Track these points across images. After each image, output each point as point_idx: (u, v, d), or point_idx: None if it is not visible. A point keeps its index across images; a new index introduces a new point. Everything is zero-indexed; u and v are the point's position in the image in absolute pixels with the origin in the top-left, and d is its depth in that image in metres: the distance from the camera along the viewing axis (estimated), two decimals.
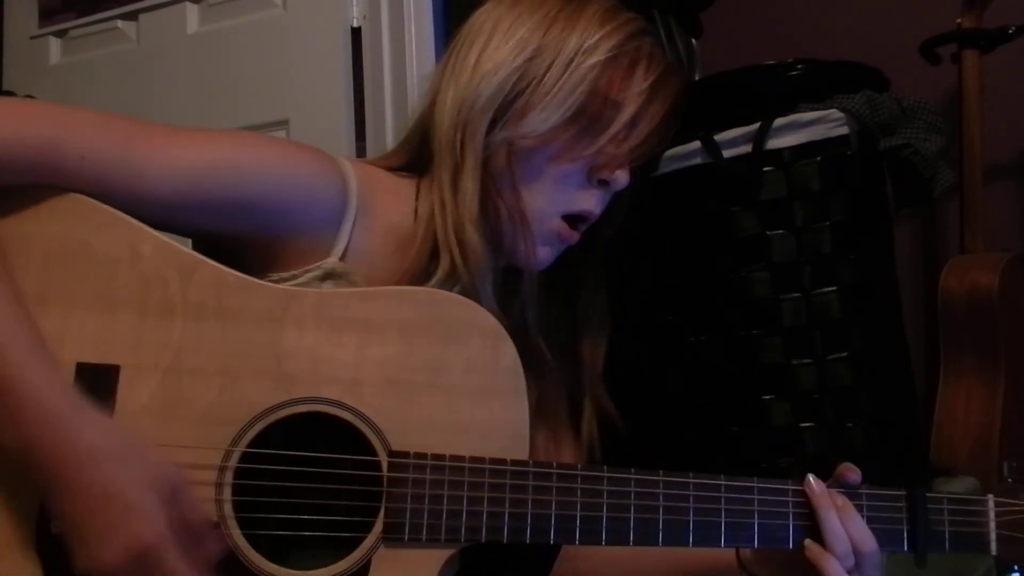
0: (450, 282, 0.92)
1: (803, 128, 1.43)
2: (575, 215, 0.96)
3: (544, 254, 0.97)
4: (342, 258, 0.92)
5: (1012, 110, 1.91)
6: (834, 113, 1.43)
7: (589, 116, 0.92)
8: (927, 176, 1.60)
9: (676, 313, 1.53)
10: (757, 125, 1.43)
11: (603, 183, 0.95)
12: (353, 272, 0.92)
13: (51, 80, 2.15)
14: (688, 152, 1.49)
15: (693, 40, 2.11)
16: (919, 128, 1.58)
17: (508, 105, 0.92)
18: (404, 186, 0.97)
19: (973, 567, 1.47)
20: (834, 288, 1.41)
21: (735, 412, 1.48)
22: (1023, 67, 1.90)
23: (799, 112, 1.44)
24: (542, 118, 0.91)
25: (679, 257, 1.52)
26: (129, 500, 0.75)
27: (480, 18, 0.97)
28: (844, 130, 1.43)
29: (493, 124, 0.92)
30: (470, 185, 0.91)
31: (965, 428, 1.63)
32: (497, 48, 0.93)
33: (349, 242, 0.92)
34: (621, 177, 0.95)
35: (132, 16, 2.08)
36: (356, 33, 1.86)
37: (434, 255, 0.93)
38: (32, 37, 2.20)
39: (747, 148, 1.44)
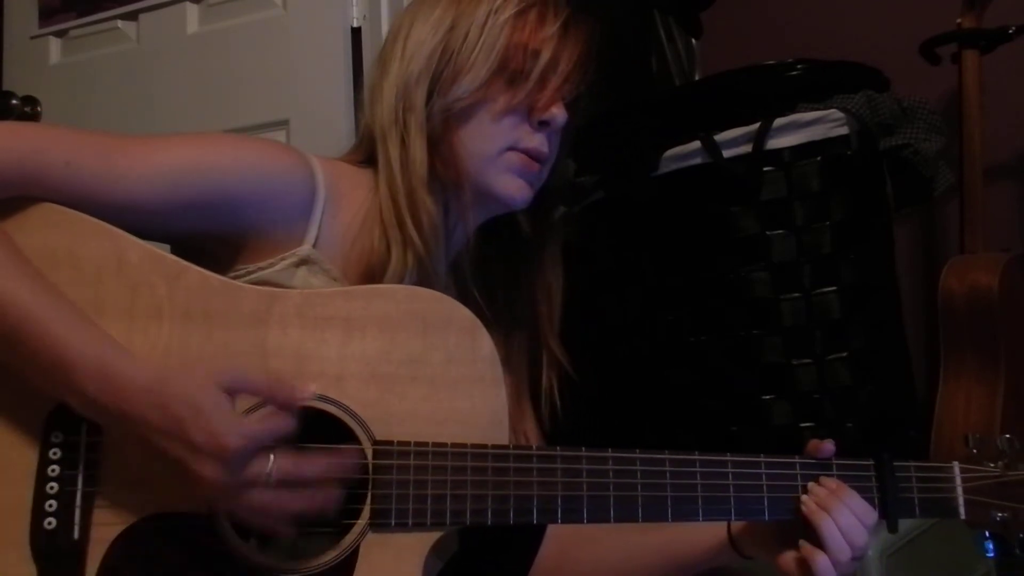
0: (406, 259, 0.97)
1: (803, 128, 1.43)
2: (525, 152, 1.02)
3: (516, 185, 1.02)
4: (314, 245, 0.96)
5: (1012, 110, 1.91)
6: (834, 113, 1.43)
7: (512, 68, 1.00)
8: (927, 176, 1.60)
9: (676, 313, 1.53)
10: (757, 125, 1.43)
11: (543, 124, 1.02)
12: (325, 259, 0.96)
13: (51, 80, 2.14)
14: (688, 152, 1.49)
15: (693, 40, 2.12)
16: (919, 128, 1.58)
17: (439, 76, 1.00)
18: (364, 175, 1.03)
19: (972, 567, 1.47)
20: (834, 288, 1.41)
21: (735, 412, 1.48)
22: (1023, 67, 1.90)
23: (799, 112, 1.44)
24: (470, 78, 0.98)
25: (679, 257, 1.53)
26: (207, 410, 0.78)
27: (398, 19, 1.07)
28: (844, 130, 1.43)
29: (429, 97, 1.00)
30: (418, 153, 0.99)
31: (965, 428, 1.63)
32: (418, 32, 1.02)
33: (319, 230, 0.96)
34: (557, 113, 1.01)
35: (132, 16, 2.08)
36: (356, 33, 1.85)
37: (390, 240, 0.99)
38: (32, 37, 2.20)
39: (747, 148, 1.44)
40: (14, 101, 2.00)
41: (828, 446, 0.94)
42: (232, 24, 1.97)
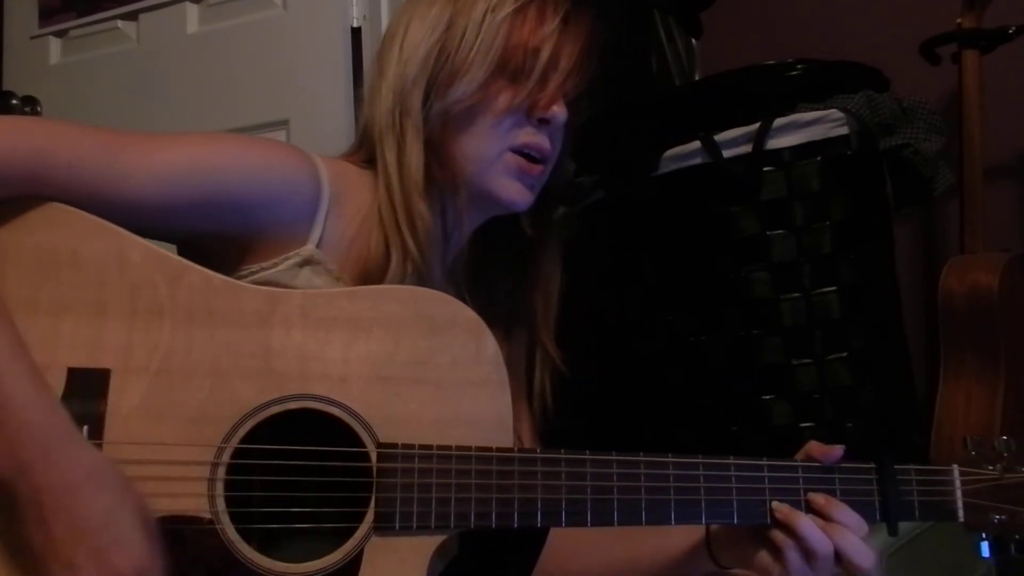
0: (406, 265, 0.96)
1: (803, 128, 1.43)
2: (525, 151, 1.01)
3: (515, 189, 1.01)
4: (318, 245, 0.95)
5: (1012, 110, 1.91)
6: (834, 113, 1.43)
7: (511, 67, 0.99)
8: (927, 176, 1.60)
9: (676, 313, 1.53)
10: (757, 125, 1.43)
11: (543, 121, 1.01)
12: (328, 259, 0.96)
13: (51, 80, 2.15)
14: (688, 152, 1.49)
15: (693, 40, 2.12)
16: (919, 128, 1.58)
17: (435, 78, 0.98)
18: (365, 176, 1.02)
19: (972, 568, 1.47)
20: (834, 288, 1.41)
21: (735, 412, 1.48)
22: (1023, 67, 1.90)
23: (799, 112, 1.44)
24: (468, 80, 0.97)
25: (679, 257, 1.53)
26: (121, 529, 0.77)
27: (396, 18, 1.05)
28: (844, 130, 1.43)
29: (427, 99, 0.98)
30: (414, 159, 0.98)
31: (965, 428, 1.63)
32: (415, 32, 1.01)
33: (323, 230, 0.96)
34: (558, 112, 1.00)
35: (132, 16, 2.08)
36: (356, 33, 1.86)
37: (389, 243, 0.98)
38: (32, 37, 2.21)
39: (747, 148, 1.44)
40: (14, 101, 2.00)
41: (836, 452, 0.93)
42: (232, 24, 1.97)
